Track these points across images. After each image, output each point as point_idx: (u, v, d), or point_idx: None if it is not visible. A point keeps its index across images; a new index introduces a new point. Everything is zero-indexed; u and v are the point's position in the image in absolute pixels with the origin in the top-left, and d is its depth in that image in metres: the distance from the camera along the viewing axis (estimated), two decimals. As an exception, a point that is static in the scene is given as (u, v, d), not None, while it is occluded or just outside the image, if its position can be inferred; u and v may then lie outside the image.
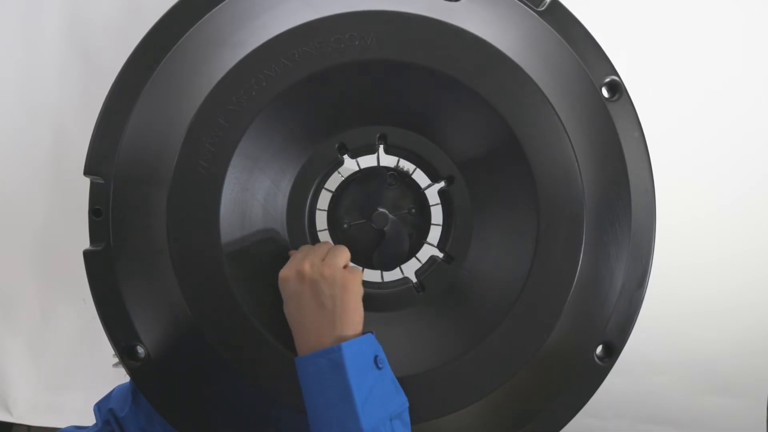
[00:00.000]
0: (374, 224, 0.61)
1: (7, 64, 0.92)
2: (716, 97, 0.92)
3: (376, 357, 0.49)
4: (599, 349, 0.59)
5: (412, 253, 0.65)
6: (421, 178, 0.65)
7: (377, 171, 0.64)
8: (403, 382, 0.52)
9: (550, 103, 0.54)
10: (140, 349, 0.55)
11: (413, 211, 0.65)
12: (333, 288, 0.50)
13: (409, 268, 0.66)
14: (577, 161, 0.54)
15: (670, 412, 1.00)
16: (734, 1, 0.90)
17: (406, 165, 0.66)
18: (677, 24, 0.91)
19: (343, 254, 0.53)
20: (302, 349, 0.50)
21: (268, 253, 0.58)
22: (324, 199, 0.65)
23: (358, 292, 0.52)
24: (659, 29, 0.92)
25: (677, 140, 0.93)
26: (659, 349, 0.98)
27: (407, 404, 0.50)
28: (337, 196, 0.65)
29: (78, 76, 0.92)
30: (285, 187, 0.60)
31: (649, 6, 0.91)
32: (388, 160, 0.64)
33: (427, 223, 0.65)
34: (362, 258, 0.64)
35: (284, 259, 0.56)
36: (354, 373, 0.46)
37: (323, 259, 0.52)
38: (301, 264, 0.51)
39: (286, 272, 0.52)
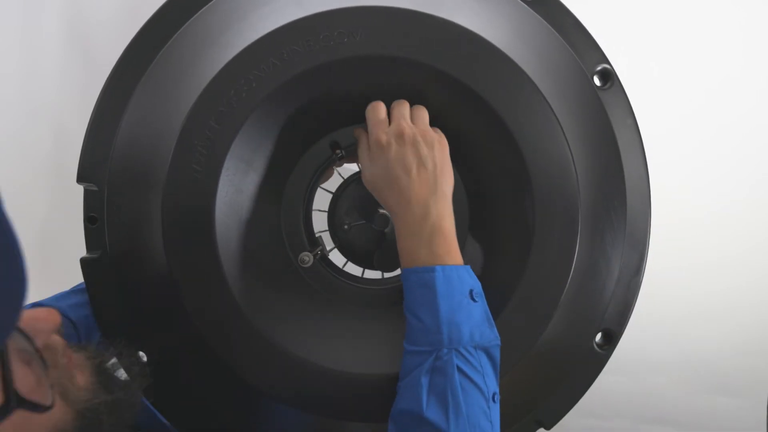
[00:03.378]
0: (375, 225, 0.61)
1: (8, 63, 0.92)
2: (716, 97, 0.92)
3: (471, 290, 0.49)
4: (599, 336, 0.58)
5: None
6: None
7: None
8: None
9: (542, 94, 0.54)
10: (141, 356, 0.55)
11: None
12: (432, 149, 0.51)
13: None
14: (570, 150, 0.54)
15: (670, 412, 1.00)
16: (734, 1, 0.90)
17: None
18: (677, 23, 0.92)
19: (426, 113, 0.54)
20: (407, 216, 0.50)
21: (266, 253, 0.58)
22: (324, 200, 0.65)
23: (448, 151, 0.54)
24: (660, 29, 0.92)
25: (677, 140, 0.93)
26: (659, 349, 0.98)
27: (498, 342, 0.49)
28: (338, 197, 0.65)
29: (78, 76, 0.92)
30: (279, 186, 0.59)
31: (649, 5, 0.91)
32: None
33: None
34: (363, 259, 0.64)
35: (282, 260, 0.56)
36: (444, 294, 0.47)
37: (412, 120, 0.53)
38: (398, 126, 0.51)
39: (384, 136, 0.51)
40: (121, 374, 0.42)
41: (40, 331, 0.36)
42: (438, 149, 0.52)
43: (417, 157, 0.50)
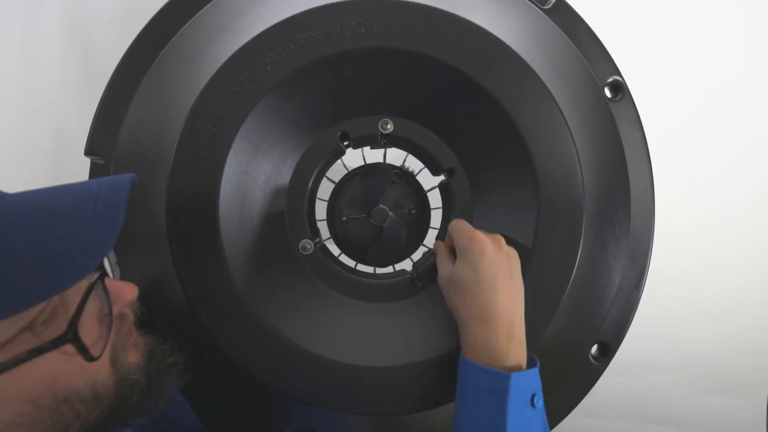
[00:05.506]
0: (373, 219, 0.61)
1: (8, 63, 0.92)
2: (716, 97, 0.92)
3: (534, 395, 0.47)
4: (594, 348, 0.59)
5: (407, 253, 0.65)
6: (425, 180, 0.65)
7: (382, 167, 0.63)
8: (398, 371, 0.52)
9: (554, 99, 0.54)
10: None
11: (414, 211, 0.65)
12: (519, 265, 0.52)
13: (407, 260, 0.66)
14: (578, 157, 0.54)
15: (670, 412, 1.00)
16: (735, 1, 0.90)
17: (412, 166, 0.66)
18: (677, 23, 0.92)
19: None
20: (487, 315, 0.49)
21: (267, 237, 0.58)
22: (327, 190, 0.65)
23: None
24: (659, 29, 0.92)
25: (677, 140, 0.93)
26: (659, 349, 0.98)
27: None
28: (340, 188, 0.65)
29: (78, 76, 0.92)
30: (286, 173, 0.59)
31: (649, 5, 0.91)
32: (392, 158, 0.64)
33: (426, 226, 0.65)
34: (358, 252, 0.64)
35: (283, 243, 0.56)
36: (513, 407, 0.45)
37: None
38: (496, 236, 0.52)
39: (483, 237, 0.51)
40: (168, 365, 0.45)
41: (119, 299, 0.40)
42: (518, 270, 0.52)
43: (509, 269, 0.50)
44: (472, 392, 0.48)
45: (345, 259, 0.66)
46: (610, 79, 0.58)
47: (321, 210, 0.65)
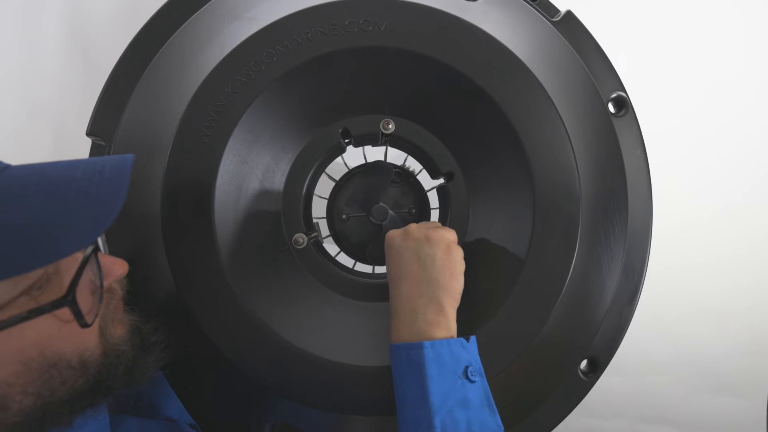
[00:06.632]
0: (373, 217, 0.61)
1: (8, 63, 0.92)
2: (717, 97, 0.92)
3: (467, 367, 0.45)
4: (584, 363, 0.58)
5: None
6: (425, 180, 0.65)
7: (383, 166, 0.63)
8: (385, 371, 0.51)
9: (557, 110, 0.54)
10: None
11: (413, 211, 0.65)
12: (435, 249, 0.49)
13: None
14: (577, 169, 0.54)
15: (670, 412, 1.00)
16: (734, 2, 0.91)
17: (412, 166, 0.66)
18: (677, 24, 0.92)
19: (451, 232, 0.53)
20: (396, 307, 0.49)
21: (261, 228, 0.58)
22: (327, 188, 0.65)
23: (460, 261, 0.51)
24: (659, 29, 0.92)
25: (677, 139, 0.93)
26: (659, 349, 0.98)
27: (502, 431, 0.45)
28: (340, 186, 0.65)
29: (78, 76, 0.92)
30: (284, 166, 0.59)
31: (649, 4, 0.91)
32: (393, 158, 0.64)
33: None
34: (356, 250, 0.64)
35: (276, 236, 0.56)
36: (434, 376, 0.44)
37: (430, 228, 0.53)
38: (409, 226, 0.52)
39: (394, 232, 0.53)
40: (151, 342, 0.46)
41: (110, 273, 0.42)
42: (443, 250, 0.49)
43: (416, 254, 0.49)
44: (399, 374, 0.46)
45: (345, 260, 0.66)
46: (614, 95, 0.58)
47: (321, 208, 0.65)
